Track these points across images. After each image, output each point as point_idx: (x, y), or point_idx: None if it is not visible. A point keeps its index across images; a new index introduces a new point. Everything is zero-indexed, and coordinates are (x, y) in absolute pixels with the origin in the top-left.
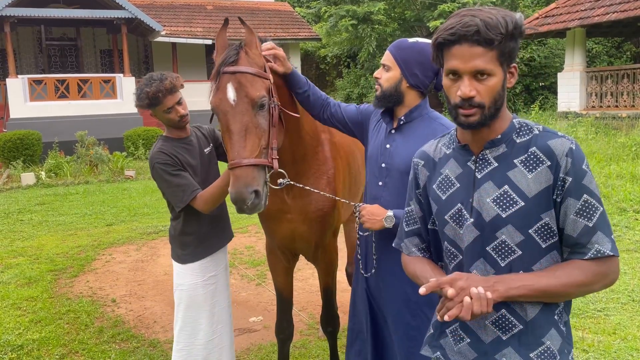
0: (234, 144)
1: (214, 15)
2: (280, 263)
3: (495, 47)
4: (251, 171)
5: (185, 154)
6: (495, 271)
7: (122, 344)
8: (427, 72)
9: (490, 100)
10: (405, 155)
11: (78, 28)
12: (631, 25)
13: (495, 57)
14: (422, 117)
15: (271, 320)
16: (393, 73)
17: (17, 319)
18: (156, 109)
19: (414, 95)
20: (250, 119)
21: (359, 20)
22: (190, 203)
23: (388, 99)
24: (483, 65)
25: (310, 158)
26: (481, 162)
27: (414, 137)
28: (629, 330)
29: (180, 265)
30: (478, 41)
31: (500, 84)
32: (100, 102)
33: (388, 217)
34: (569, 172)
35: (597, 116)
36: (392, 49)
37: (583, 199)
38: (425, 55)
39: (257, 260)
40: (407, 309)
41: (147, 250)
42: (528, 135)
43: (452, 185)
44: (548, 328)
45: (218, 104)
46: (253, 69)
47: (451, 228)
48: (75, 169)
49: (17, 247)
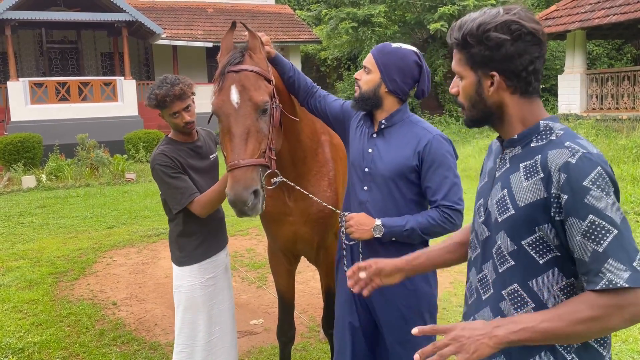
0: (235, 147)
1: (214, 18)
2: (282, 265)
3: (461, 50)
4: (250, 172)
5: (188, 157)
6: (496, 276)
7: (123, 347)
8: (407, 79)
9: (466, 102)
10: (387, 161)
11: (79, 31)
12: (631, 28)
13: (463, 60)
14: (403, 122)
15: (272, 322)
16: (373, 76)
17: (18, 321)
18: (163, 111)
19: (392, 101)
20: (252, 122)
21: (360, 23)
22: (187, 206)
23: (366, 101)
24: (456, 67)
25: (311, 160)
26: (501, 161)
27: (395, 142)
28: (629, 332)
29: (179, 268)
30: (455, 44)
31: (472, 87)
32: (101, 105)
33: (377, 227)
34: (563, 188)
35: (598, 118)
36: (374, 52)
37: (589, 219)
38: (407, 62)
39: (258, 262)
40: (400, 316)
41: (147, 253)
42: (545, 139)
43: (484, 178)
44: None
45: (221, 105)
46: (257, 68)
47: (475, 220)
48: (76, 171)
49: (18, 250)
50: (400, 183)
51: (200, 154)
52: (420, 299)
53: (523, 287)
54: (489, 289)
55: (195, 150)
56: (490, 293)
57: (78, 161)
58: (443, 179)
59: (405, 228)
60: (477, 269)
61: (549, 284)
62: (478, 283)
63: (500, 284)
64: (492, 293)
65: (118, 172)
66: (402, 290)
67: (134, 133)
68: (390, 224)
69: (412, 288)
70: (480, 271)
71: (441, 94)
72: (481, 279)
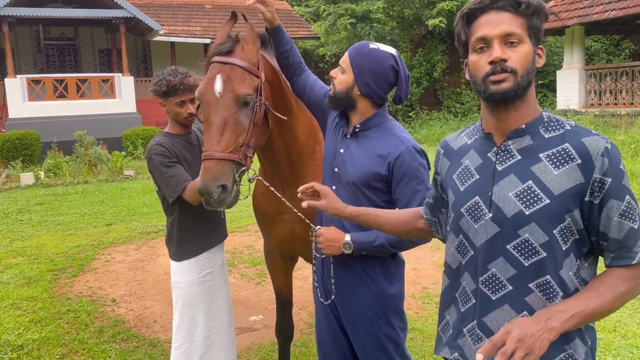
0: (211, 136)
1: (212, 15)
2: (279, 265)
3: (522, 13)
4: (222, 165)
5: (182, 149)
6: (517, 271)
7: (122, 344)
8: (382, 83)
9: (522, 68)
10: (357, 166)
11: (76, 27)
12: (630, 23)
13: (524, 25)
14: (379, 127)
15: (271, 319)
16: (346, 77)
17: (17, 319)
18: (169, 99)
19: (366, 104)
20: (231, 114)
21: (358, 19)
22: (181, 194)
23: (339, 102)
24: (513, 29)
25: (308, 158)
26: (503, 154)
27: (367, 147)
28: (629, 328)
29: (176, 263)
30: (504, 6)
31: (531, 55)
32: (99, 102)
33: (346, 244)
34: (607, 172)
35: (596, 114)
36: (351, 52)
37: (626, 200)
38: (382, 66)
39: (257, 259)
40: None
41: (146, 250)
42: (559, 130)
43: (471, 177)
44: (572, 337)
45: (204, 93)
46: (243, 62)
47: (466, 222)
48: (74, 168)
49: (17, 247)
50: (366, 190)
51: (193, 147)
52: (385, 302)
53: (554, 278)
54: (503, 287)
55: (189, 142)
56: (506, 290)
57: (76, 158)
58: (414, 193)
59: (375, 244)
60: (478, 270)
61: (569, 269)
62: (482, 285)
63: (525, 278)
64: (512, 289)
65: (116, 169)
66: (367, 293)
67: (132, 130)
68: (360, 240)
69: (376, 290)
70: (484, 272)
71: (440, 90)
72: (487, 279)
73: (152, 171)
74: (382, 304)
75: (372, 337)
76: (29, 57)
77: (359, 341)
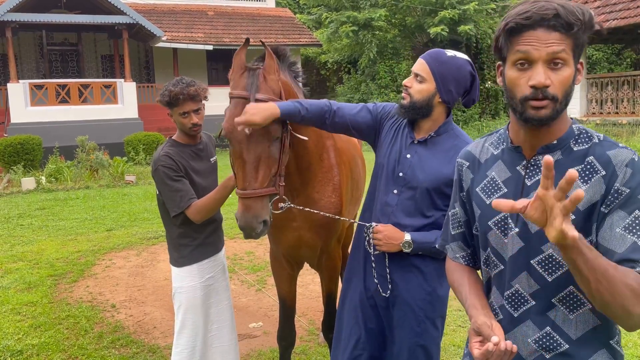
0: (246, 174)
1: (214, 21)
2: (285, 270)
3: (572, 35)
4: (261, 202)
5: (191, 160)
6: (541, 286)
7: (122, 350)
8: (460, 89)
9: (562, 94)
10: (429, 171)
11: (79, 33)
12: (631, 32)
13: (571, 46)
14: (449, 133)
15: (271, 326)
16: (427, 86)
17: (17, 324)
18: (174, 110)
19: (441, 110)
20: (263, 149)
21: (360, 27)
22: (184, 211)
23: (417, 110)
24: (560, 52)
25: (316, 166)
26: (532, 168)
27: (439, 153)
28: (629, 338)
29: (178, 269)
30: (555, 26)
31: (572, 77)
32: (101, 107)
33: (406, 243)
34: (627, 183)
35: (598, 123)
36: (429, 61)
37: (634, 214)
38: (463, 72)
39: (257, 265)
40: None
41: (147, 256)
42: (587, 143)
43: (498, 190)
44: (596, 348)
45: (231, 130)
46: (268, 96)
47: (495, 235)
48: (76, 173)
49: (17, 252)
50: (435, 194)
51: (202, 157)
52: (435, 303)
53: (579, 289)
54: (525, 303)
55: (197, 152)
56: (528, 306)
57: (78, 163)
58: None
59: (434, 244)
60: (504, 286)
61: None
62: (505, 301)
63: (548, 293)
64: (534, 305)
65: (118, 175)
66: (420, 291)
67: (133, 135)
68: (420, 240)
69: (429, 289)
70: (508, 288)
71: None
72: (510, 295)
73: (157, 182)
74: (432, 305)
75: (417, 337)
76: (32, 63)
77: (402, 339)
